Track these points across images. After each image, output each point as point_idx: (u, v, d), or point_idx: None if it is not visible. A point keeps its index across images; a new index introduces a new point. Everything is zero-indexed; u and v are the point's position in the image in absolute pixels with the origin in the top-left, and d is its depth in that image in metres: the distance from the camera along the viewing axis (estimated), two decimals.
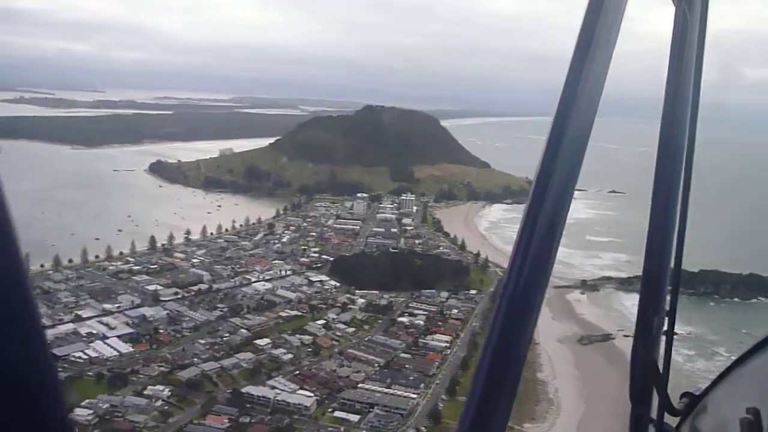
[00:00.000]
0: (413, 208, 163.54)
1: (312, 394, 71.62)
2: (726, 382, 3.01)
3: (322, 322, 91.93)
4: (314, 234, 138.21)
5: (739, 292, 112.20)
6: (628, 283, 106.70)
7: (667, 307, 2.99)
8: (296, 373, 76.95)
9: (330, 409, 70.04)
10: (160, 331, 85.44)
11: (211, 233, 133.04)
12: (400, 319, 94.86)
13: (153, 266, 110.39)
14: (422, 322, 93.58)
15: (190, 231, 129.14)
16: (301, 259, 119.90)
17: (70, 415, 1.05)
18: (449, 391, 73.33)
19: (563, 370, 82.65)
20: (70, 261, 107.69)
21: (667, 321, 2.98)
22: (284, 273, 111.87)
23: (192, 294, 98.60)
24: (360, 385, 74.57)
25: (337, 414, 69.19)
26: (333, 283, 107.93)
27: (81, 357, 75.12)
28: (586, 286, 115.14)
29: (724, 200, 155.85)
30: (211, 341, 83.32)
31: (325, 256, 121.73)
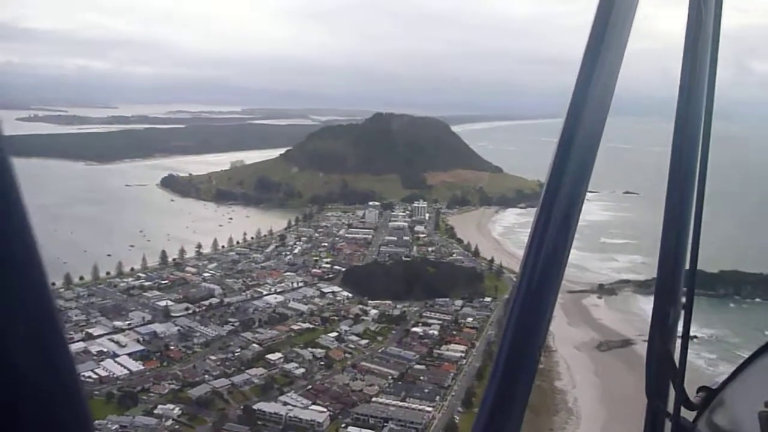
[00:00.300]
0: (426, 215, 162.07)
1: (325, 410, 70.22)
2: (743, 375, 2.90)
3: (334, 334, 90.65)
4: (326, 244, 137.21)
5: (761, 292, 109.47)
6: (646, 286, 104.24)
7: (683, 300, 2.91)
8: (309, 387, 75.73)
9: (343, 425, 68.51)
10: (171, 347, 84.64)
11: (223, 246, 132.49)
12: (414, 329, 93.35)
13: (164, 281, 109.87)
14: (436, 332, 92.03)
15: (201, 245, 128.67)
16: (313, 270, 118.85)
17: (93, 424, 1.06)
18: (465, 403, 71.57)
19: (582, 378, 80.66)
20: (81, 278, 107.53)
21: (683, 314, 2.89)
22: (296, 285, 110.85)
23: (203, 309, 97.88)
24: (374, 399, 73.17)
25: (351, 429, 67.72)
26: (345, 293, 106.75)
27: (91, 376, 74.31)
28: (603, 290, 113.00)
29: (742, 198, 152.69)
30: (222, 357, 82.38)
31: (337, 267, 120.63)
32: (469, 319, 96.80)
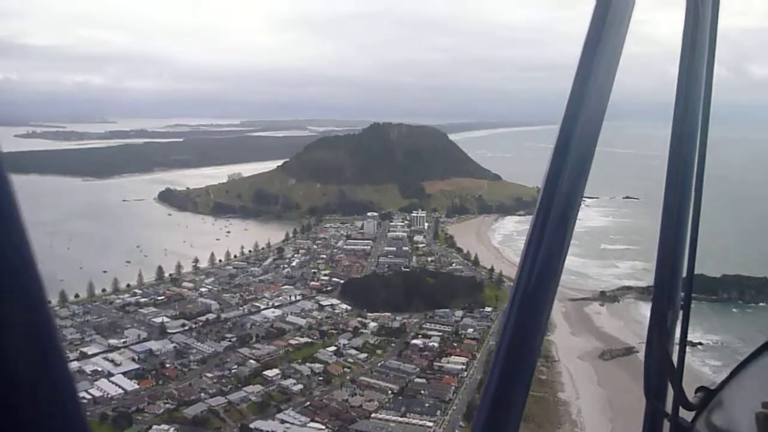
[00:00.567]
0: (425, 225, 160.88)
1: (323, 427, 68.83)
2: (741, 376, 2.90)
3: (333, 348, 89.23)
4: (324, 256, 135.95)
5: (765, 296, 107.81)
6: (648, 293, 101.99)
7: (681, 300, 2.96)
8: (307, 404, 74.25)
9: None
10: (167, 365, 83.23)
11: (220, 260, 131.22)
12: (414, 341, 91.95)
13: (160, 297, 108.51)
14: (436, 344, 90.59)
15: (198, 259, 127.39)
16: (311, 283, 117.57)
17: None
18: (467, 417, 70.00)
19: (586, 389, 79.16)
20: (77, 296, 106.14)
21: (681, 314, 2.93)
22: (294, 298, 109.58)
23: (200, 325, 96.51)
24: (373, 415, 71.62)
25: None
26: (344, 306, 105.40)
27: (85, 397, 72.80)
28: (605, 298, 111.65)
29: (742, 201, 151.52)
30: (218, 374, 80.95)
31: (335, 279, 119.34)
32: (470, 330, 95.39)
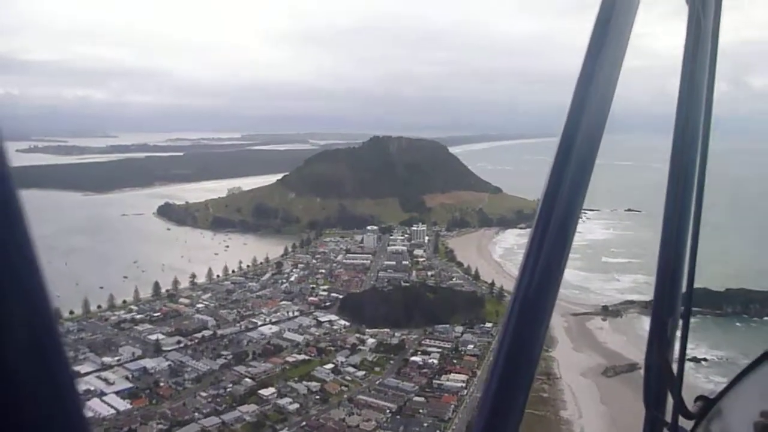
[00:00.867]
0: (425, 239, 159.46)
1: None
2: (740, 385, 2.90)
3: (330, 366, 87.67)
4: (323, 271, 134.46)
5: None
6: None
7: (681, 309, 2.97)
8: (303, 424, 72.65)
9: None
10: (161, 384, 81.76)
11: (218, 275, 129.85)
12: (413, 358, 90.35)
13: (156, 314, 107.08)
14: (436, 361, 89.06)
15: (195, 274, 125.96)
16: (310, 299, 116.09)
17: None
18: None
19: (589, 407, 77.39)
20: (71, 312, 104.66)
21: (681, 323, 2.94)
22: (292, 314, 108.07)
23: (195, 342, 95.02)
24: None
25: None
26: (342, 322, 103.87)
27: None
28: (608, 312, 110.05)
29: (744, 213, 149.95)
30: (213, 393, 79.40)
31: (334, 294, 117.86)
32: (470, 347, 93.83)
